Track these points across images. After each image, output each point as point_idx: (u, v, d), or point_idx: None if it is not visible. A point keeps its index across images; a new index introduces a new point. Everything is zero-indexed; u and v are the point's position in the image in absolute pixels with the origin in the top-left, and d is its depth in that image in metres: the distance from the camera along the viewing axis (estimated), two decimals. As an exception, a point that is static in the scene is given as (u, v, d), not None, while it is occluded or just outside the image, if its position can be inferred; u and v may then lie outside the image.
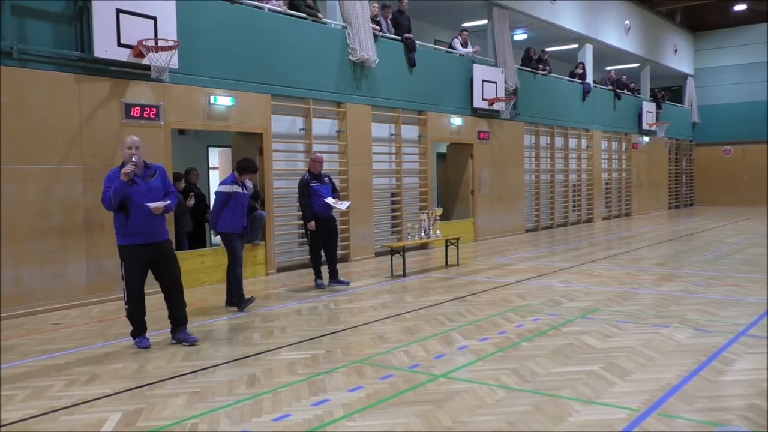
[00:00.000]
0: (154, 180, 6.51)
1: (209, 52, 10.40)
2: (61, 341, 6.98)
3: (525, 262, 12.52)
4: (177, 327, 6.74)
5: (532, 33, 20.99)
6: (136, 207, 6.36)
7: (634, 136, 25.15)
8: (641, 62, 26.85)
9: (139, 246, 6.41)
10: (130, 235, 6.40)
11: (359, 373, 5.59)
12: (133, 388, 5.32)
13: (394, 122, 14.24)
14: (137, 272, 6.48)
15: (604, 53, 24.06)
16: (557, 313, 7.76)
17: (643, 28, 26.04)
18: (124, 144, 6.46)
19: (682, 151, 30.15)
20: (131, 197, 6.34)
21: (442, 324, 7.37)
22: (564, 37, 21.65)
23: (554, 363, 5.73)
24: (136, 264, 6.44)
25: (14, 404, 5.00)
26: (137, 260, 6.43)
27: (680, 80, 30.67)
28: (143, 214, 6.37)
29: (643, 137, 25.88)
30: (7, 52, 8.11)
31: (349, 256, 12.90)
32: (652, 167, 26.69)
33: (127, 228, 6.39)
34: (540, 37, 21.21)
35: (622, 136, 24.51)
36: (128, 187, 6.33)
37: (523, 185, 18.62)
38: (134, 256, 6.41)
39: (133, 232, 6.39)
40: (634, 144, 25.16)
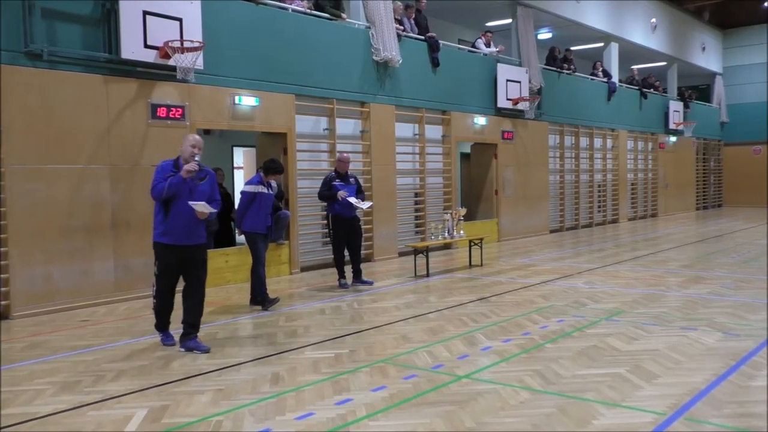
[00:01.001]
0: (203, 184, 6.37)
1: (234, 53, 10.49)
2: (89, 338, 7.09)
3: (549, 262, 12.44)
4: (189, 334, 6.47)
5: (556, 32, 20.84)
6: (180, 206, 6.21)
7: (660, 136, 24.86)
8: (668, 61, 26.51)
9: (175, 246, 6.27)
10: (168, 233, 6.26)
11: (382, 372, 5.60)
12: (158, 384, 5.39)
13: (418, 122, 14.23)
14: (169, 272, 6.38)
15: (630, 52, 23.80)
16: (582, 315, 7.71)
17: (670, 26, 25.71)
18: (188, 141, 6.35)
19: (710, 151, 29.73)
20: (178, 195, 6.21)
21: (466, 324, 7.35)
22: (589, 35, 21.46)
23: (579, 365, 5.69)
24: (169, 263, 6.33)
25: (44, 398, 5.10)
26: (171, 259, 6.31)
27: (708, 79, 30.23)
28: (185, 213, 6.22)
29: (670, 137, 25.56)
30: (37, 54, 8.25)
31: (373, 256, 12.92)
32: (679, 167, 26.35)
33: (165, 225, 6.26)
34: (565, 36, 21.05)
35: (649, 135, 24.23)
36: (182, 184, 6.19)
37: (547, 185, 18.50)
38: (168, 255, 6.30)
39: (172, 230, 6.25)
40: (661, 144, 24.86)
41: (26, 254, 8.21)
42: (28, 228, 8.22)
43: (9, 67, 8.06)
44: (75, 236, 8.64)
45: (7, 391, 5.30)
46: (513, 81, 16.50)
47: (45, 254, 8.37)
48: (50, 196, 8.42)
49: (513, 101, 16.48)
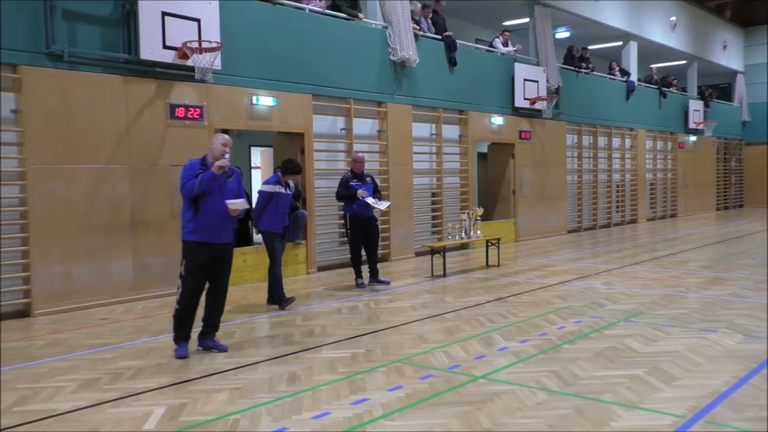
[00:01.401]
0: (231, 181, 6.35)
1: (251, 53, 10.54)
2: (107, 336, 7.16)
3: (567, 263, 12.37)
4: (208, 333, 6.46)
5: (574, 31, 20.71)
6: (210, 203, 6.16)
7: (680, 136, 24.62)
8: (688, 59, 26.25)
9: (204, 244, 6.17)
10: (198, 231, 6.16)
11: (399, 372, 5.60)
12: (176, 383, 5.43)
13: (435, 122, 14.22)
14: (197, 271, 6.21)
15: (649, 50, 23.59)
16: (600, 316, 7.66)
17: (691, 24, 25.45)
18: (219, 140, 6.27)
19: (731, 151, 29.39)
20: (209, 192, 6.15)
21: (483, 325, 7.33)
22: (607, 34, 21.31)
23: (596, 366, 5.65)
24: (199, 262, 6.18)
25: (64, 396, 5.16)
26: (200, 258, 6.17)
27: (729, 77, 29.88)
28: (216, 211, 6.18)
29: (690, 136, 25.31)
30: (58, 55, 8.35)
31: (390, 256, 12.93)
32: (699, 167, 26.08)
33: (196, 223, 6.15)
34: (583, 34, 20.90)
35: (668, 135, 24.02)
36: (213, 180, 6.16)
37: (565, 185, 18.40)
38: (198, 254, 6.16)
39: (202, 228, 6.16)
40: (680, 143, 24.62)
41: (46, 253, 8.31)
42: (48, 227, 8.32)
43: (30, 68, 8.16)
44: (94, 235, 8.73)
45: (27, 388, 5.37)
46: (530, 80, 16.43)
47: (64, 253, 8.46)
48: (70, 195, 8.52)
49: (530, 101, 16.41)
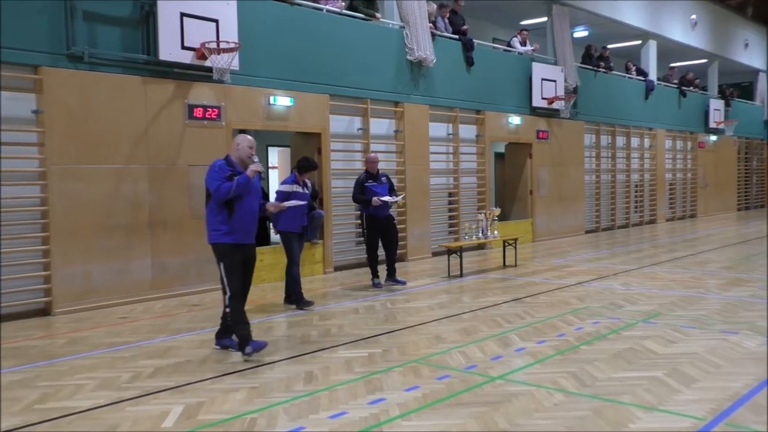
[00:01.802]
0: (256, 180, 6.39)
1: (269, 54, 10.59)
2: (127, 335, 7.23)
3: (584, 263, 12.30)
4: (227, 331, 6.47)
5: (592, 30, 20.58)
6: (243, 205, 6.15)
7: (700, 135, 24.37)
8: (709, 58, 25.97)
9: (238, 245, 6.17)
10: (233, 232, 6.13)
11: (415, 372, 5.60)
12: (194, 381, 5.47)
13: (452, 122, 14.19)
14: (237, 271, 6.18)
15: (668, 49, 23.37)
16: (618, 317, 7.61)
17: (712, 22, 25.18)
18: (246, 141, 6.28)
19: (752, 150, 29.04)
20: (243, 193, 6.14)
21: (500, 325, 7.31)
22: (626, 33, 21.15)
23: (615, 368, 5.61)
24: (237, 263, 6.17)
25: (84, 393, 5.22)
26: (237, 259, 6.17)
27: (751, 76, 29.51)
28: (249, 212, 6.20)
29: (710, 136, 25.05)
30: (78, 56, 8.44)
31: (406, 256, 12.92)
32: (720, 167, 25.80)
33: (230, 225, 6.11)
34: (601, 34, 20.76)
35: (688, 135, 23.78)
36: (249, 183, 6.17)
37: (583, 185, 18.29)
38: (234, 255, 6.15)
39: (237, 229, 6.14)
40: (701, 143, 24.37)
41: (66, 252, 8.40)
42: (67, 227, 8.41)
43: (51, 69, 8.26)
44: (113, 235, 8.81)
45: (48, 386, 5.44)
46: (548, 80, 16.36)
47: (84, 252, 8.55)
48: (89, 195, 8.61)
49: (548, 100, 16.33)
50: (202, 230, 9.51)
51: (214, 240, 6.18)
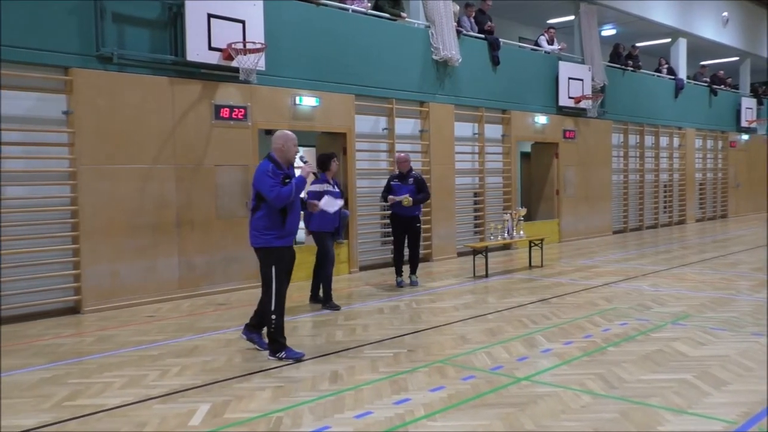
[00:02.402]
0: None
1: (295, 54, 10.64)
2: (154, 333, 7.32)
3: (612, 264, 12.18)
4: (257, 327, 6.50)
5: (621, 28, 20.36)
6: (295, 207, 6.18)
7: (731, 134, 23.98)
8: (740, 56, 25.54)
9: (289, 248, 6.20)
10: (286, 236, 6.10)
11: (441, 373, 5.59)
12: (221, 380, 5.51)
13: (478, 121, 14.14)
14: (286, 276, 6.22)
15: (699, 47, 23.04)
16: (646, 318, 7.52)
17: (744, 19, 24.75)
18: (291, 141, 6.22)
19: (785, 150, 28.48)
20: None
21: (525, 326, 7.27)
22: (656, 31, 20.89)
23: (643, 369, 5.55)
24: (287, 267, 6.22)
25: (112, 391, 5.29)
26: (287, 262, 6.22)
27: (784, 74, 28.98)
28: (297, 214, 6.23)
29: (742, 135, 24.62)
30: (107, 57, 8.56)
31: (431, 256, 12.90)
32: (752, 167, 25.35)
33: (284, 229, 6.07)
34: (630, 32, 20.54)
35: (719, 134, 23.41)
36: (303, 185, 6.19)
37: (610, 185, 18.11)
38: (285, 258, 6.17)
39: (289, 232, 6.14)
40: (732, 142, 23.98)
41: (95, 251, 8.52)
42: (96, 226, 8.53)
43: (81, 70, 8.39)
44: (141, 234, 8.92)
45: (78, 383, 5.52)
46: (575, 79, 16.22)
47: (112, 251, 8.67)
48: (118, 194, 8.72)
49: (575, 99, 16.20)
50: (229, 230, 9.74)
51: (267, 244, 6.04)
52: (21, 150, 8.06)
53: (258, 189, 6.01)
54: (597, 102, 16.88)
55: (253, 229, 6.10)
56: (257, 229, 6.07)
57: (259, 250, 6.12)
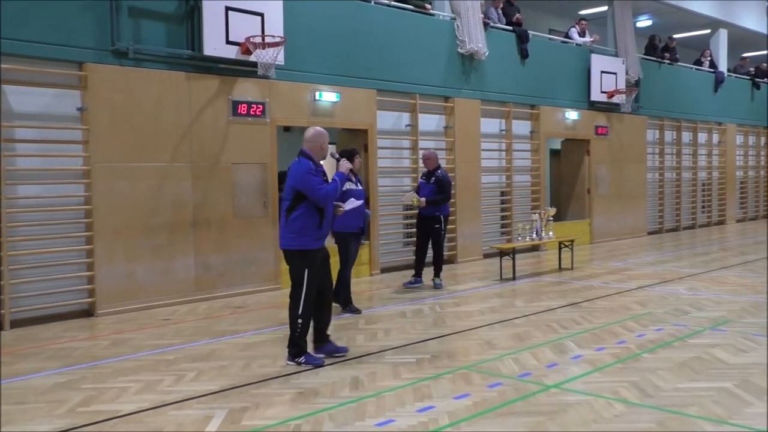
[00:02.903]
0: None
1: (315, 48, 10.67)
2: (170, 337, 7.38)
3: (647, 266, 12.06)
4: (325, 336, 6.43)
5: (657, 19, 20.15)
6: (330, 207, 6.20)
7: (774, 130, 23.63)
8: (784, 47, 25.15)
9: (321, 249, 6.19)
10: (320, 238, 6.11)
11: (466, 379, 5.58)
12: (238, 386, 5.55)
13: (505, 117, 14.08)
14: (317, 278, 6.14)
15: (740, 38, 22.71)
16: (683, 323, 7.43)
17: (787, 9, 24.37)
18: (325, 138, 6.23)
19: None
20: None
21: (555, 331, 7.23)
22: (694, 22, 20.64)
23: (680, 377, 5.49)
24: (317, 269, 6.15)
25: (127, 396, 5.35)
26: (318, 264, 6.15)
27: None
28: (331, 214, 6.27)
29: (786, 131, 24.23)
30: (123, 52, 8.66)
31: (456, 258, 12.87)
32: (796, 164, 24.92)
33: (321, 230, 6.08)
34: (666, 23, 20.32)
35: (761, 129, 23.05)
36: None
37: (645, 183, 17.94)
38: (316, 260, 6.12)
39: (325, 234, 6.18)
40: (775, 138, 23.62)
41: (110, 252, 8.62)
42: (112, 226, 8.63)
43: (96, 65, 8.49)
44: (157, 234, 9.01)
45: (92, 388, 5.59)
46: (608, 72, 16.08)
47: (128, 252, 8.76)
48: (133, 193, 8.82)
49: (608, 94, 16.06)
50: (246, 230, 9.81)
51: (302, 246, 6.02)
52: (34, 148, 8.18)
53: (301, 188, 5.97)
54: (631, 96, 16.73)
55: (288, 231, 6.05)
56: (293, 230, 6.03)
57: (292, 253, 6.08)
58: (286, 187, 6.13)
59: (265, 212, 10.04)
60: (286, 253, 6.15)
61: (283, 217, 6.13)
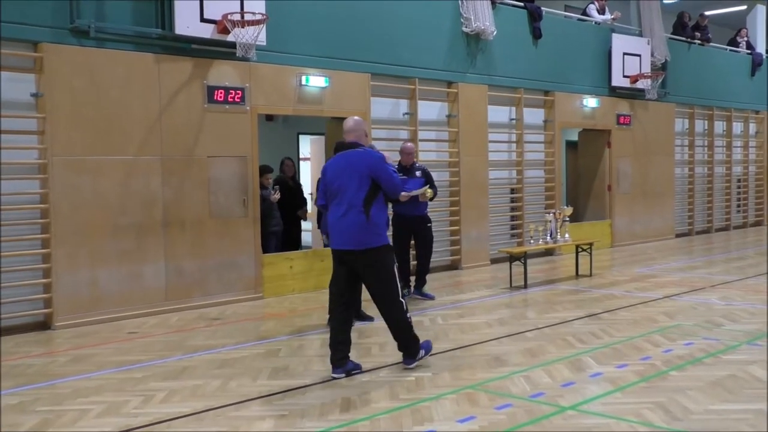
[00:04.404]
0: None
1: (301, 26, 10.66)
2: (137, 352, 7.37)
3: (675, 273, 12.09)
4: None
5: (686, -6, 20.23)
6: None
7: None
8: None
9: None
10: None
11: (471, 400, 5.57)
12: (214, 407, 5.53)
13: (515, 105, 14.10)
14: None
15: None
16: (716, 337, 7.45)
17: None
18: (364, 124, 6.68)
19: None
20: None
21: (572, 346, 7.24)
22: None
23: (712, 398, 5.50)
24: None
25: (88, 421, 5.33)
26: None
27: None
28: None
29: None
30: (84, 30, 8.63)
31: (460, 263, 12.88)
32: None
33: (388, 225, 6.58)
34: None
35: (803, 118, 23.15)
36: None
37: (673, 180, 17.99)
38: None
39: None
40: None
41: (70, 256, 8.59)
42: (71, 227, 8.60)
43: (53, 46, 8.47)
44: (123, 236, 8.99)
45: (48, 411, 5.57)
46: (631, 54, 16.11)
47: (90, 256, 8.74)
48: (96, 190, 8.80)
49: (631, 79, 16.09)
50: (224, 231, 9.80)
51: (387, 240, 6.40)
52: (-17, 139, 8.16)
53: (382, 178, 6.30)
54: (657, 81, 16.75)
55: (373, 226, 6.28)
56: (378, 225, 6.32)
57: (378, 250, 6.31)
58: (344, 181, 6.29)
59: (245, 212, 10.02)
60: (368, 253, 6.29)
61: (354, 213, 6.24)
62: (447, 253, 12.81)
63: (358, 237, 6.24)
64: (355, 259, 6.30)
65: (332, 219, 6.41)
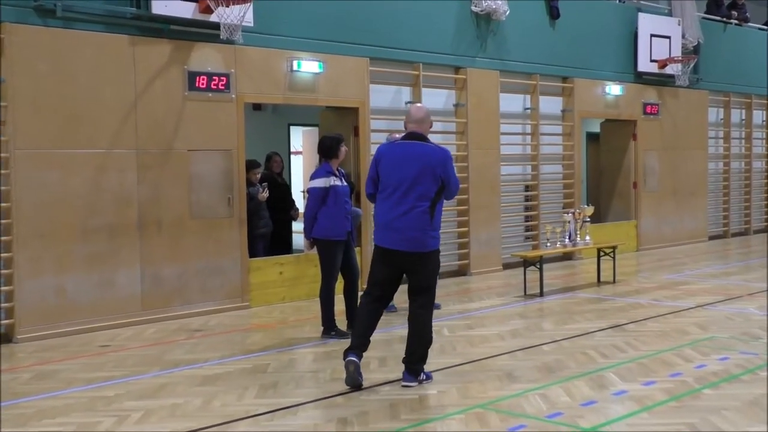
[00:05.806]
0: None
1: (292, 6, 10.66)
2: (109, 368, 7.36)
3: (708, 280, 12.11)
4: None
5: (721, -31, 20.21)
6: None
7: None
8: None
9: None
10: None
11: (481, 421, 5.58)
12: (195, 430, 5.53)
13: (530, 92, 14.11)
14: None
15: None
16: (754, 352, 7.46)
17: None
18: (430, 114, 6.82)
19: None
20: None
21: (593, 360, 7.24)
22: (767, -27, 20.71)
23: (750, 419, 5.50)
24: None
25: (54, 443, 5.33)
26: None
27: None
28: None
29: None
30: (50, 9, 8.63)
31: (469, 269, 12.88)
32: None
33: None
34: (733, -26, 20.37)
35: None
36: None
37: (706, 176, 18.00)
38: None
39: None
40: None
41: (34, 261, 8.59)
42: (36, 228, 8.59)
43: (15, 26, 8.46)
44: (94, 239, 8.98)
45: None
46: (660, 36, 16.11)
47: (57, 261, 8.74)
48: (64, 188, 8.79)
49: (659, 63, 16.10)
50: (207, 233, 9.80)
51: (433, 246, 6.53)
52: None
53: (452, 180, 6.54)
54: (689, 66, 16.74)
55: (433, 229, 6.46)
56: (437, 228, 6.53)
57: (430, 255, 6.52)
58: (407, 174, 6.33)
59: (230, 211, 10.02)
60: (424, 257, 6.45)
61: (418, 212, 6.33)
62: (454, 257, 12.80)
63: (419, 239, 6.37)
64: (408, 260, 6.44)
65: (386, 214, 6.45)
